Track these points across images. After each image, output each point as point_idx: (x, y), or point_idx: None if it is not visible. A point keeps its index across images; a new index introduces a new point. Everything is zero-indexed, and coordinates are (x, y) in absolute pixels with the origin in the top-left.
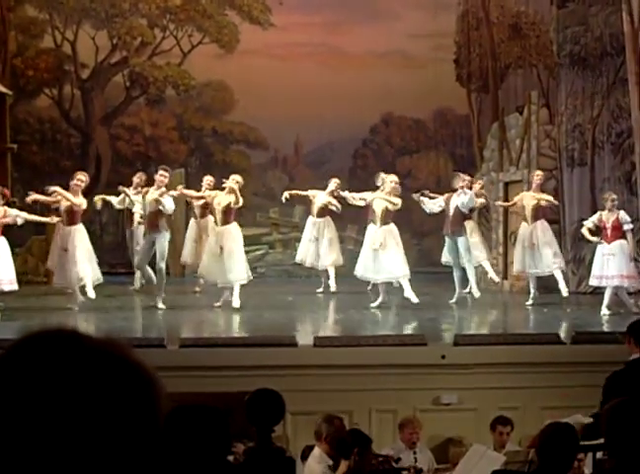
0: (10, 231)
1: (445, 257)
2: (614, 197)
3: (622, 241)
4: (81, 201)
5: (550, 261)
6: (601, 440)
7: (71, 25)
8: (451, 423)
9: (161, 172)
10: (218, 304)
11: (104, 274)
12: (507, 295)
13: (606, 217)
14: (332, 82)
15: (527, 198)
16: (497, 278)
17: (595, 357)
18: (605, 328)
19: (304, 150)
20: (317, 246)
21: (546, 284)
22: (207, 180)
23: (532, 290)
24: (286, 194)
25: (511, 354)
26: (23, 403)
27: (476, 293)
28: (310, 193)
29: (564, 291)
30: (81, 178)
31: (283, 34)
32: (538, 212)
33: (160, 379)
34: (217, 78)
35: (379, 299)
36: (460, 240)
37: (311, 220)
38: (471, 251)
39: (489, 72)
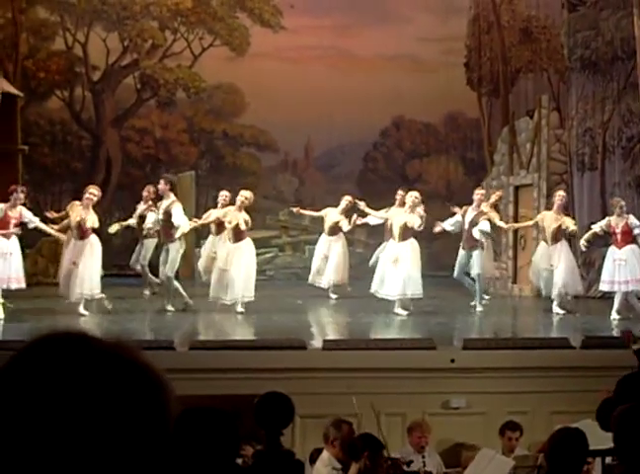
0: (21, 232)
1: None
2: (623, 202)
3: (633, 246)
4: (93, 220)
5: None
6: (611, 445)
7: (82, 27)
8: (460, 427)
9: (160, 184)
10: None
11: (113, 275)
12: (516, 300)
13: (615, 222)
14: (342, 85)
15: (549, 220)
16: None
17: (604, 362)
18: (615, 333)
19: (315, 153)
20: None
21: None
22: (223, 195)
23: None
24: (295, 210)
25: (520, 358)
26: (32, 406)
27: (479, 307)
28: (322, 212)
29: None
30: (93, 192)
31: (294, 37)
32: (559, 234)
33: (169, 382)
34: (228, 81)
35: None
36: (475, 253)
37: (324, 238)
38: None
39: (500, 76)
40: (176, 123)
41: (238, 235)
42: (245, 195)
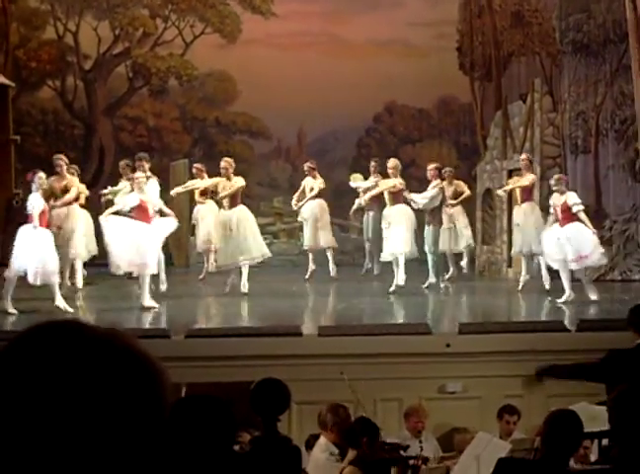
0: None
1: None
2: (563, 178)
3: (576, 223)
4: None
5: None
6: (607, 428)
7: (73, 16)
8: (457, 411)
9: (138, 162)
10: (227, 290)
11: (103, 265)
12: (511, 283)
13: (555, 200)
14: (335, 71)
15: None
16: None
17: (600, 345)
18: (611, 315)
19: (307, 140)
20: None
21: (551, 271)
22: (197, 166)
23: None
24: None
25: (515, 341)
26: (28, 393)
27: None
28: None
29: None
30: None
31: (285, 23)
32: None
33: (165, 369)
34: (220, 68)
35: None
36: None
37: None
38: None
39: (492, 60)
40: (168, 112)
41: (234, 200)
42: (228, 161)
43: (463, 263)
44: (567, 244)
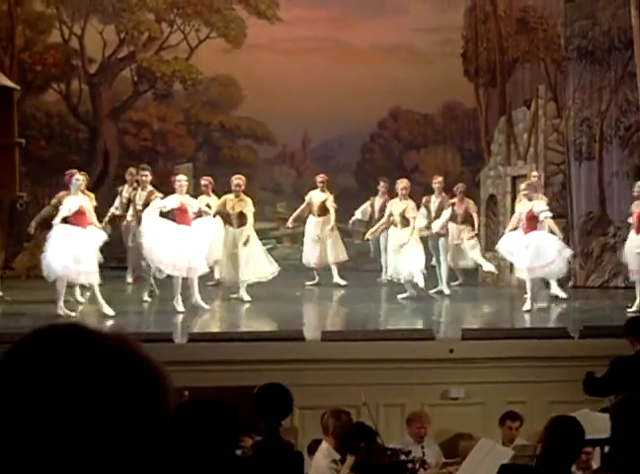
0: (27, 225)
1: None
2: (527, 187)
3: (541, 231)
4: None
5: None
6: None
7: (79, 19)
8: (459, 417)
9: (141, 172)
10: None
11: (113, 268)
12: (514, 289)
13: (522, 208)
14: (339, 77)
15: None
16: None
17: (603, 352)
18: (614, 322)
19: (312, 145)
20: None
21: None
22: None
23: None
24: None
25: (519, 348)
26: (31, 397)
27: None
28: (307, 197)
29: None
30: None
31: (290, 28)
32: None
33: (168, 374)
34: (224, 73)
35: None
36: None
37: (313, 220)
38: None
39: (496, 66)
40: (173, 116)
41: (242, 219)
42: (242, 178)
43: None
44: (528, 251)
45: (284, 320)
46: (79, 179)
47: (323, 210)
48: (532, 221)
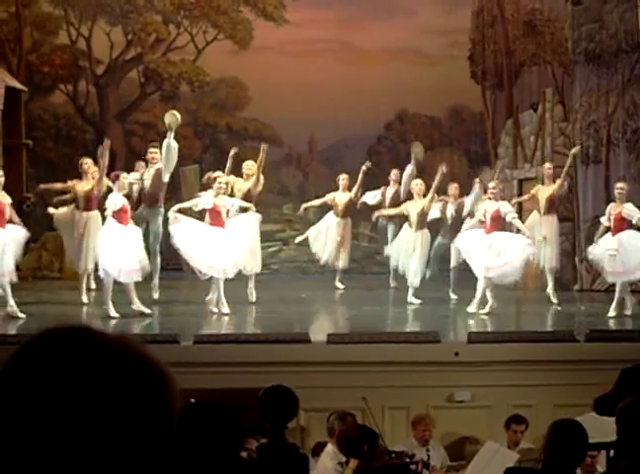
0: (28, 226)
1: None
2: (492, 185)
3: (503, 232)
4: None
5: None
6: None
7: (86, 21)
8: (465, 420)
9: (151, 149)
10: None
11: None
12: (521, 292)
13: (486, 207)
14: (346, 79)
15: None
16: None
17: (609, 355)
18: (620, 326)
19: (319, 147)
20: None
21: (561, 281)
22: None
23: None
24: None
25: (524, 351)
26: (36, 399)
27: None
28: (327, 197)
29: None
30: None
31: (297, 30)
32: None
33: (173, 376)
34: (231, 74)
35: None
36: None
37: (335, 220)
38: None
39: (504, 69)
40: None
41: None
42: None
43: None
44: (490, 251)
45: (290, 322)
46: (126, 177)
47: (346, 211)
48: (498, 221)
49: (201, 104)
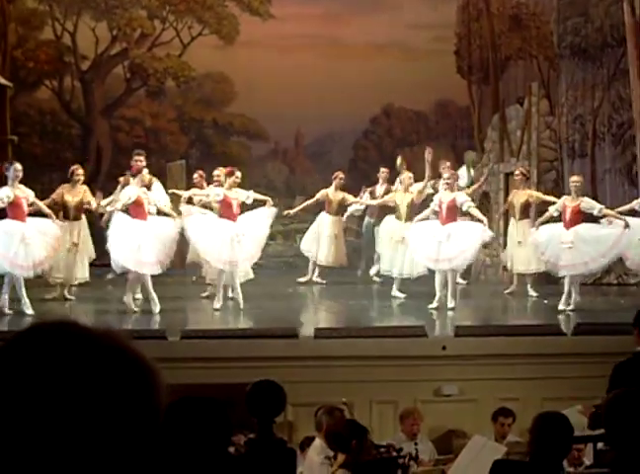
0: None
1: None
2: (452, 175)
3: (459, 222)
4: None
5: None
6: (602, 431)
7: (71, 16)
8: (452, 414)
9: (135, 157)
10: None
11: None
12: (507, 286)
13: (441, 197)
14: (332, 73)
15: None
16: None
17: (596, 349)
18: (607, 319)
19: (305, 142)
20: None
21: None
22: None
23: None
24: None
25: (512, 345)
26: (22, 394)
27: None
28: (319, 194)
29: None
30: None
31: (283, 25)
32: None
33: (160, 371)
34: (217, 70)
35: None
36: None
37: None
38: None
39: (490, 64)
40: (166, 113)
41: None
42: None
43: None
44: (446, 243)
45: (278, 317)
46: (145, 173)
47: (339, 209)
48: (453, 211)
49: (187, 99)
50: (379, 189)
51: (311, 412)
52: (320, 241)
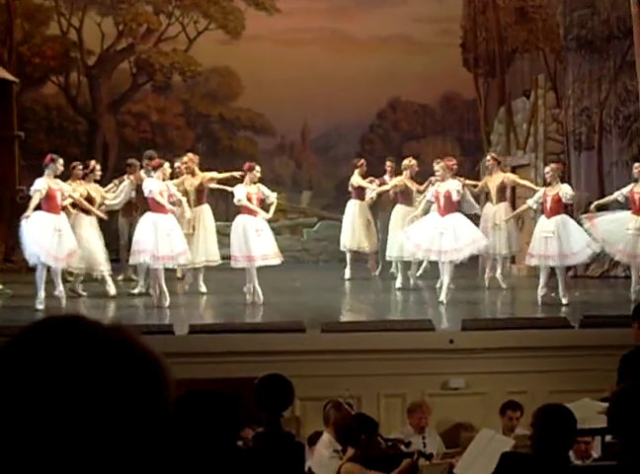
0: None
1: None
2: (445, 164)
3: (456, 214)
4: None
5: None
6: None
7: (77, 11)
8: (460, 407)
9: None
10: (186, 289)
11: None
12: (515, 279)
13: (438, 188)
14: (338, 67)
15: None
16: None
17: (603, 341)
18: (614, 312)
19: (311, 136)
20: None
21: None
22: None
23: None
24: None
25: (519, 338)
26: (31, 388)
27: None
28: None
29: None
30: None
31: (289, 19)
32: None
33: (168, 365)
34: (223, 64)
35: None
36: None
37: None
38: None
39: (496, 56)
40: (172, 107)
41: (200, 197)
42: (190, 157)
43: None
44: (445, 235)
45: (285, 311)
46: (166, 168)
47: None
48: (450, 202)
49: (194, 94)
50: (388, 180)
51: (319, 406)
52: (354, 229)
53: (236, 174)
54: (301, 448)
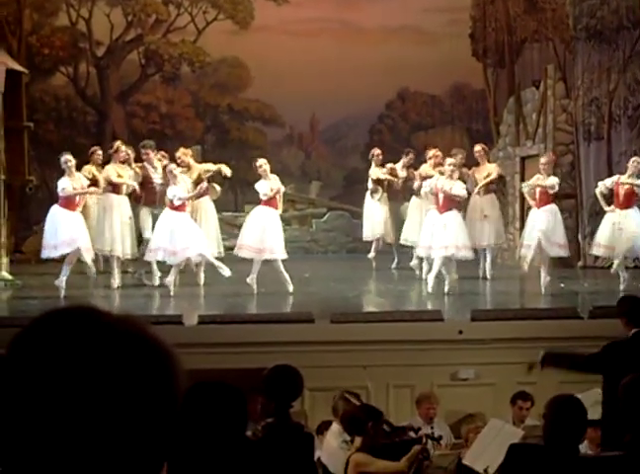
0: (31, 208)
1: None
2: (452, 161)
3: (455, 211)
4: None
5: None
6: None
7: (86, 2)
8: (469, 398)
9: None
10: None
11: None
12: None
13: (441, 184)
14: (347, 58)
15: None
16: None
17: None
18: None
19: (320, 127)
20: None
21: (564, 258)
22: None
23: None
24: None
25: (528, 328)
26: (42, 378)
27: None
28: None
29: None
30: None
31: (298, 9)
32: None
33: (178, 356)
34: (232, 55)
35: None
36: None
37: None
38: None
39: (505, 46)
40: (181, 98)
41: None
42: (183, 151)
43: None
44: (444, 231)
45: (294, 302)
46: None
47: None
48: (450, 199)
49: (202, 84)
50: (400, 172)
51: (328, 396)
52: (374, 220)
53: (226, 170)
54: (311, 439)
